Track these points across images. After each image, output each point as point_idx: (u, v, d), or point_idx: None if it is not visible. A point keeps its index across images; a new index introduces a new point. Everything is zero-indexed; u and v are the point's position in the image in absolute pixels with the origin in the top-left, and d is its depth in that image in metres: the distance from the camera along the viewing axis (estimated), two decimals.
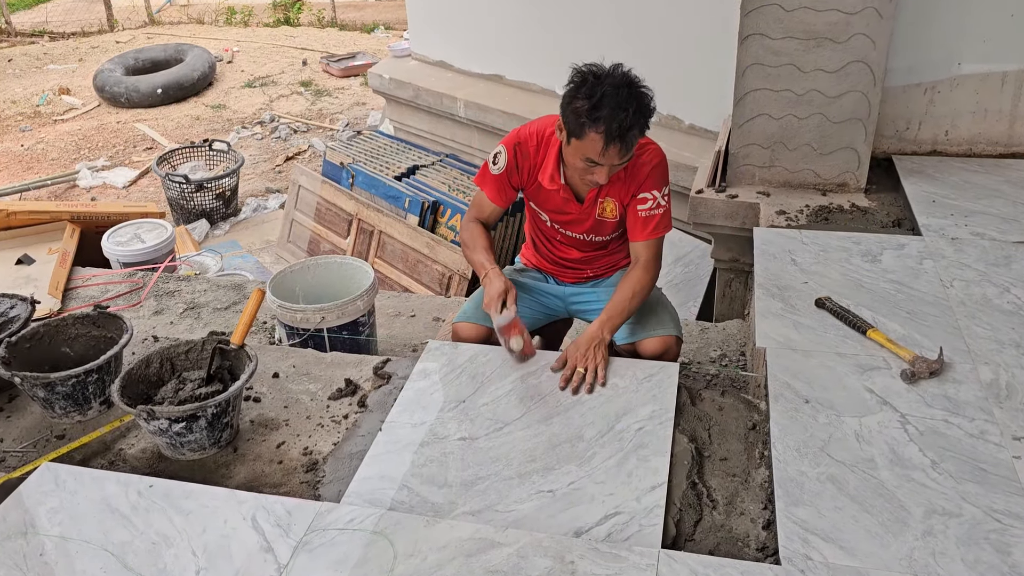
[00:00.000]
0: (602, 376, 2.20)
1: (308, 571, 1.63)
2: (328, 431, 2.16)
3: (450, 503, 1.83)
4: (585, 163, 2.14)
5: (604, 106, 2.01)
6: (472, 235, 2.45)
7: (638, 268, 2.33)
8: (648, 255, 2.34)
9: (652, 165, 2.29)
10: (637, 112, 2.04)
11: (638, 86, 2.08)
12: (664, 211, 2.32)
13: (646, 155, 2.29)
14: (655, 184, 2.30)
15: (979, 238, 2.79)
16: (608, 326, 2.27)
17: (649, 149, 2.30)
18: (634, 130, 2.06)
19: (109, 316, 2.40)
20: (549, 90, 5.10)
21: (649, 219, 2.31)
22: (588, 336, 2.25)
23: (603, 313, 2.29)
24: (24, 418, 2.29)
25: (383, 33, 11.21)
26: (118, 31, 11.84)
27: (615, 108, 2.01)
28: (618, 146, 2.05)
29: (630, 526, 1.75)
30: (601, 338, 2.25)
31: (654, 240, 2.33)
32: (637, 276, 2.32)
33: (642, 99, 2.07)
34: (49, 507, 1.83)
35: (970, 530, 1.67)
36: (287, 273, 3.04)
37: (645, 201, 2.30)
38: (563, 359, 2.26)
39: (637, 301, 2.30)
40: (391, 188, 4.91)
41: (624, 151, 2.08)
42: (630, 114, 2.02)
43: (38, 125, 8.32)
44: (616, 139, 2.04)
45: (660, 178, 2.31)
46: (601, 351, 2.23)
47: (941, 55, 3.29)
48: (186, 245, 5.29)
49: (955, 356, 2.18)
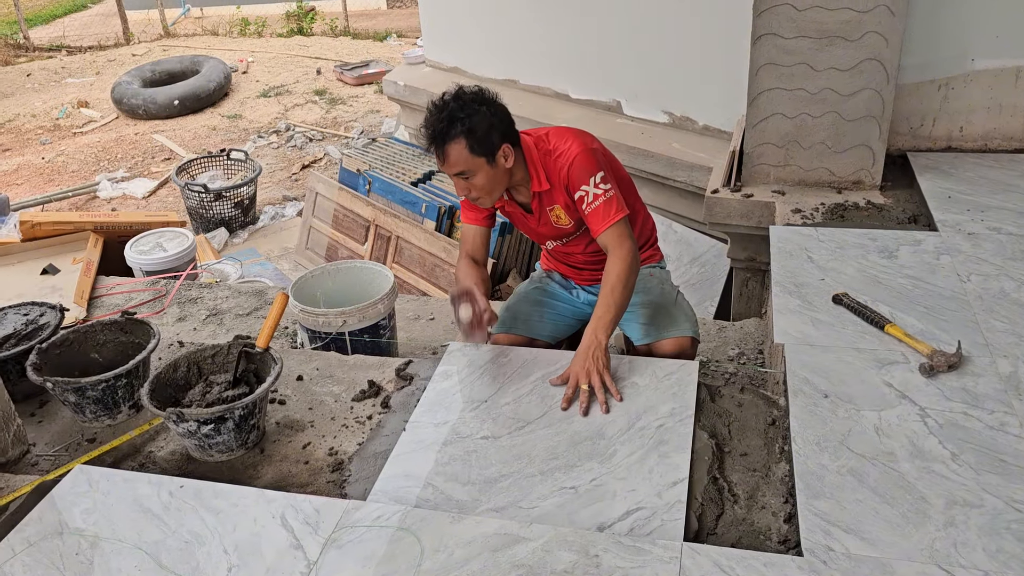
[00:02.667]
0: (613, 389, 2.16)
1: (338, 567, 1.67)
2: (353, 432, 2.19)
3: (474, 500, 1.86)
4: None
5: (425, 124, 2.25)
6: (463, 272, 2.50)
7: (609, 257, 2.29)
8: (611, 240, 2.30)
9: (568, 166, 2.32)
10: (447, 120, 2.20)
11: (462, 100, 2.24)
12: (604, 196, 2.29)
13: (559, 159, 2.34)
14: (580, 179, 2.30)
15: (996, 233, 2.79)
16: (600, 326, 2.21)
17: (558, 152, 2.34)
18: (446, 139, 2.20)
19: (136, 322, 2.45)
20: (562, 94, 5.14)
21: (595, 211, 2.30)
22: (584, 346, 2.20)
23: (592, 316, 2.25)
24: (55, 423, 2.34)
25: (395, 41, 11.29)
26: (134, 44, 12.00)
27: (428, 120, 2.24)
28: (435, 152, 2.25)
29: (652, 521, 1.77)
30: (597, 343, 2.19)
31: (611, 227, 2.29)
32: (610, 266, 2.27)
33: (459, 110, 2.21)
34: (83, 508, 1.88)
35: (992, 520, 1.68)
36: (308, 278, 3.09)
37: (582, 199, 2.32)
38: (565, 376, 2.22)
39: (620, 289, 2.24)
40: (408, 194, 4.96)
41: (449, 158, 2.23)
42: (443, 120, 2.21)
43: (58, 138, 8.45)
44: (431, 146, 2.25)
45: (582, 171, 2.30)
46: (600, 357, 2.18)
47: (954, 51, 3.30)
48: (206, 254, 5.36)
49: (973, 350, 2.19)
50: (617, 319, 2.25)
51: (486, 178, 2.28)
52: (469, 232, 2.55)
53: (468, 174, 2.26)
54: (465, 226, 2.55)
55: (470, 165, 2.25)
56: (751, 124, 3.27)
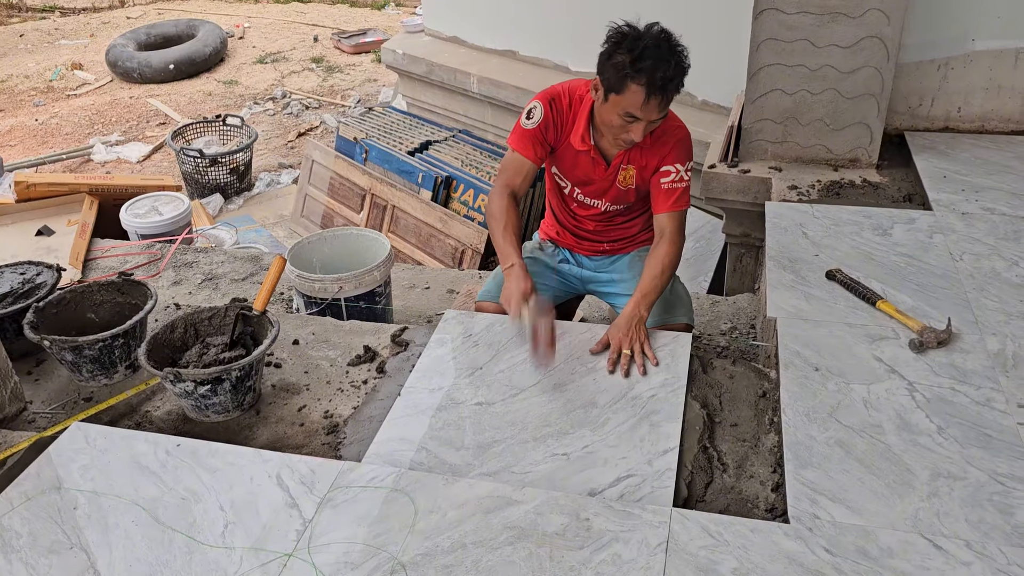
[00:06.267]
0: (651, 355, 2.21)
1: (333, 525, 1.69)
2: (348, 395, 2.21)
3: (467, 465, 1.89)
4: (623, 119, 2.15)
5: (646, 58, 2.05)
6: (501, 210, 2.35)
7: (664, 242, 2.33)
8: (673, 227, 2.34)
9: (677, 139, 2.32)
10: (677, 66, 2.09)
11: (676, 43, 2.12)
12: (686, 186, 2.34)
13: (672, 128, 2.32)
14: (678, 158, 2.32)
15: (989, 213, 2.81)
16: (644, 303, 2.26)
17: (675, 123, 2.34)
18: (674, 83, 2.09)
19: (134, 283, 2.45)
20: (562, 66, 5.11)
21: (671, 191, 2.33)
22: (627, 316, 2.25)
23: (636, 291, 2.28)
24: (52, 381, 2.35)
25: (393, 10, 11.19)
26: (129, 6, 11.85)
27: (657, 60, 2.05)
28: (659, 98, 2.09)
29: (643, 488, 1.80)
30: (640, 316, 2.25)
31: (677, 212, 2.34)
32: (664, 250, 2.31)
33: (681, 54, 2.11)
34: (81, 464, 1.90)
35: (974, 492, 1.71)
36: (305, 244, 3.09)
37: (668, 174, 2.32)
38: (604, 341, 2.26)
39: (668, 275, 2.30)
40: (404, 163, 4.95)
41: (663, 104, 2.11)
42: (671, 66, 2.06)
43: (51, 100, 8.37)
44: (658, 91, 2.07)
45: (684, 152, 2.33)
46: (642, 329, 2.24)
47: (955, 31, 3.30)
48: (201, 219, 5.34)
49: (963, 327, 2.22)
50: (657, 299, 2.31)
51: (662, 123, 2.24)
52: (516, 163, 2.38)
53: (663, 119, 2.20)
54: (515, 155, 2.38)
55: (667, 110, 2.19)
56: (750, 99, 3.28)
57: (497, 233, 2.34)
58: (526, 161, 2.37)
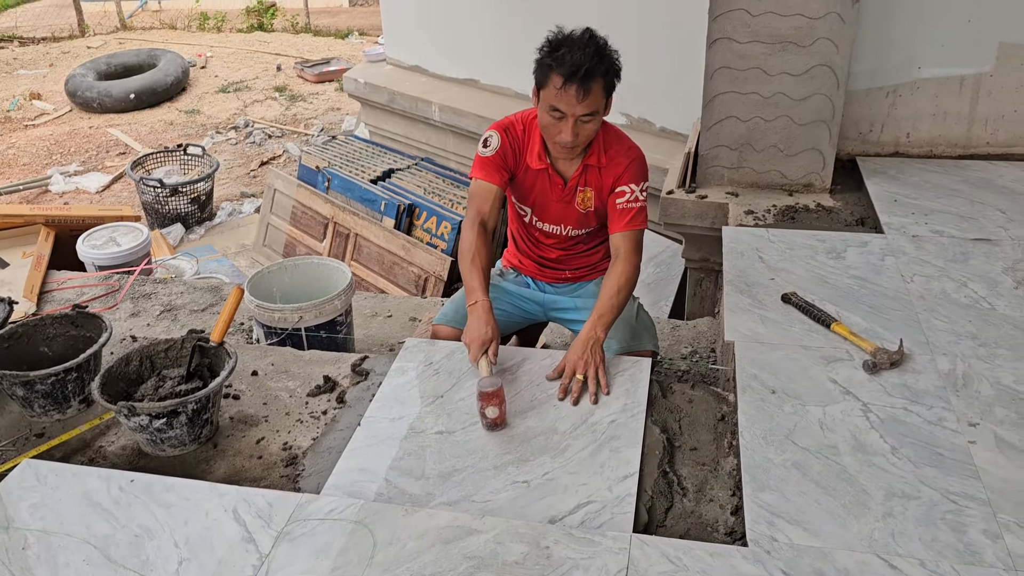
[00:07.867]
0: (604, 382, 2.18)
1: (290, 560, 1.67)
2: (307, 426, 2.19)
3: (427, 494, 1.88)
4: (551, 116, 2.19)
5: (564, 48, 2.13)
6: (469, 242, 2.33)
7: (620, 261, 2.33)
8: (628, 246, 2.34)
9: (630, 159, 2.36)
10: (597, 56, 2.11)
11: (601, 40, 2.17)
12: (641, 206, 2.36)
13: (624, 149, 2.36)
14: (632, 178, 2.35)
15: (938, 235, 2.88)
16: (600, 324, 2.24)
17: (629, 144, 2.38)
18: (594, 75, 2.11)
19: (88, 316, 2.42)
20: (523, 94, 5.16)
21: (626, 211, 2.35)
22: (583, 339, 2.23)
23: (593, 312, 2.26)
24: (2, 417, 2.30)
25: (357, 39, 11.23)
26: (89, 36, 11.76)
27: (574, 50, 2.11)
28: (575, 86, 2.10)
29: (603, 514, 1.80)
30: (596, 337, 2.22)
31: (632, 232, 2.35)
32: (620, 269, 2.31)
33: (603, 49, 2.15)
34: (31, 503, 1.85)
35: (928, 511, 1.74)
36: (265, 274, 3.07)
37: (623, 194, 2.35)
38: (560, 367, 2.24)
39: (624, 295, 2.29)
40: (367, 191, 4.95)
41: (584, 95, 2.12)
42: (588, 56, 2.10)
43: (9, 130, 8.25)
44: (575, 79, 2.09)
45: (637, 173, 2.36)
46: (598, 351, 2.21)
47: (902, 59, 3.40)
48: (161, 249, 5.29)
49: (915, 348, 2.27)
50: (614, 320, 2.28)
51: (596, 124, 2.24)
52: (483, 190, 2.37)
53: (590, 117, 2.18)
54: (480, 183, 2.38)
55: (598, 107, 2.18)
56: (706, 127, 3.33)
57: (464, 266, 2.33)
58: (492, 186, 2.38)
